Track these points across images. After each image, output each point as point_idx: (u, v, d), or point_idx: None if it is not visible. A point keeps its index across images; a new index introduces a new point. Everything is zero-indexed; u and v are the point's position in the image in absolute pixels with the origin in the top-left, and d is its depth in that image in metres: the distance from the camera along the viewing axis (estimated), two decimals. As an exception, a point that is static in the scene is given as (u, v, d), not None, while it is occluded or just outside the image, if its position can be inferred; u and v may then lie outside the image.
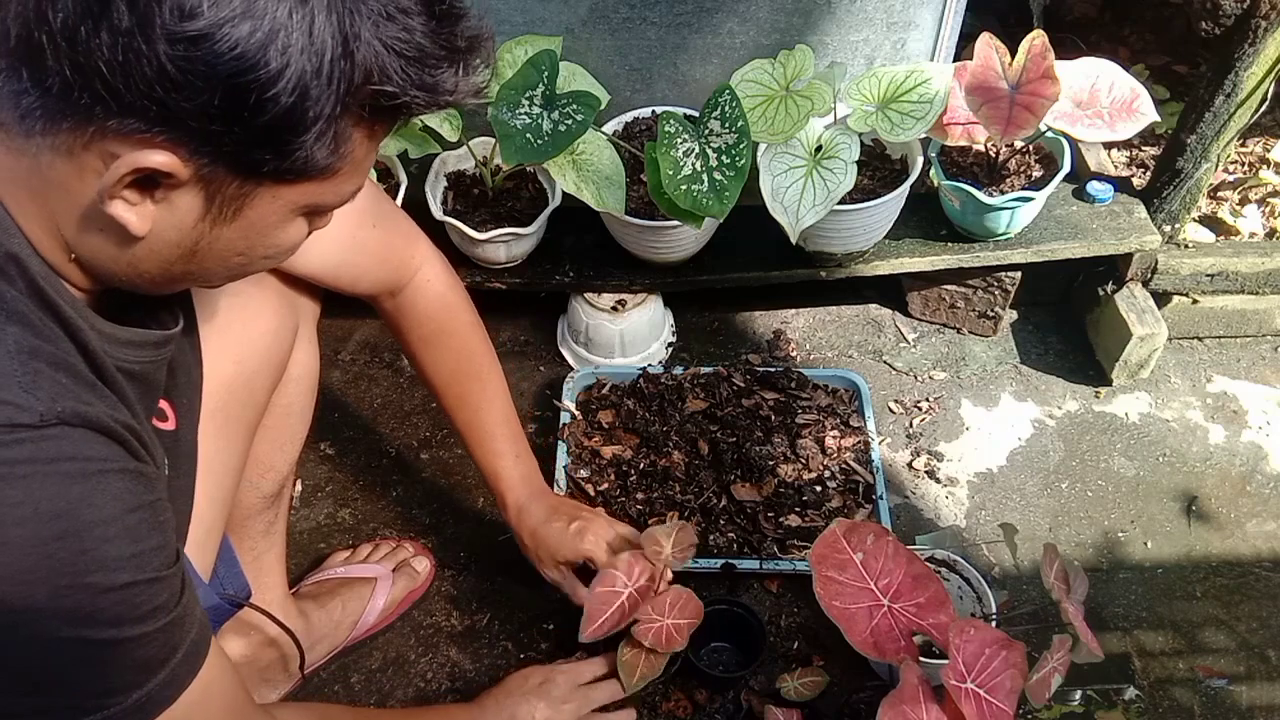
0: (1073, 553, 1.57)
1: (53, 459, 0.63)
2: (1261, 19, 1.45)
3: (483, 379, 1.29)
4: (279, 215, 0.72)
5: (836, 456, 1.60)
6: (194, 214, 0.68)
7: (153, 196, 0.67)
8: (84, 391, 0.68)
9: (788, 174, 1.49)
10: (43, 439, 0.63)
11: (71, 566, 0.64)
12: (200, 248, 0.71)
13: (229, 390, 0.98)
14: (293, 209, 0.72)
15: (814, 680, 1.36)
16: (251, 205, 0.70)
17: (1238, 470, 1.69)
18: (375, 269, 1.15)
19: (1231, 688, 1.43)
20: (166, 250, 0.71)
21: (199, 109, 0.62)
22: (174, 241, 0.70)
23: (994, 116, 1.46)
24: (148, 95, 0.61)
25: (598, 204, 1.51)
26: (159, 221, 0.68)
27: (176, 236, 0.70)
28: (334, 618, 1.39)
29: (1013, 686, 1.07)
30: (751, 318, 1.89)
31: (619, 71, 1.66)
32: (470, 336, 1.28)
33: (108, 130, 0.63)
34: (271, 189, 0.69)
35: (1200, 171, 1.67)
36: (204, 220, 0.69)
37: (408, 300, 1.21)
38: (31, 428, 0.62)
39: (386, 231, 1.15)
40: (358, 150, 0.70)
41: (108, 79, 0.60)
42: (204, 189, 0.67)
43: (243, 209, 0.70)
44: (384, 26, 0.64)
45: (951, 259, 1.71)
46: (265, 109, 0.62)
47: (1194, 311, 1.83)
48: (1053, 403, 1.77)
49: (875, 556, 1.15)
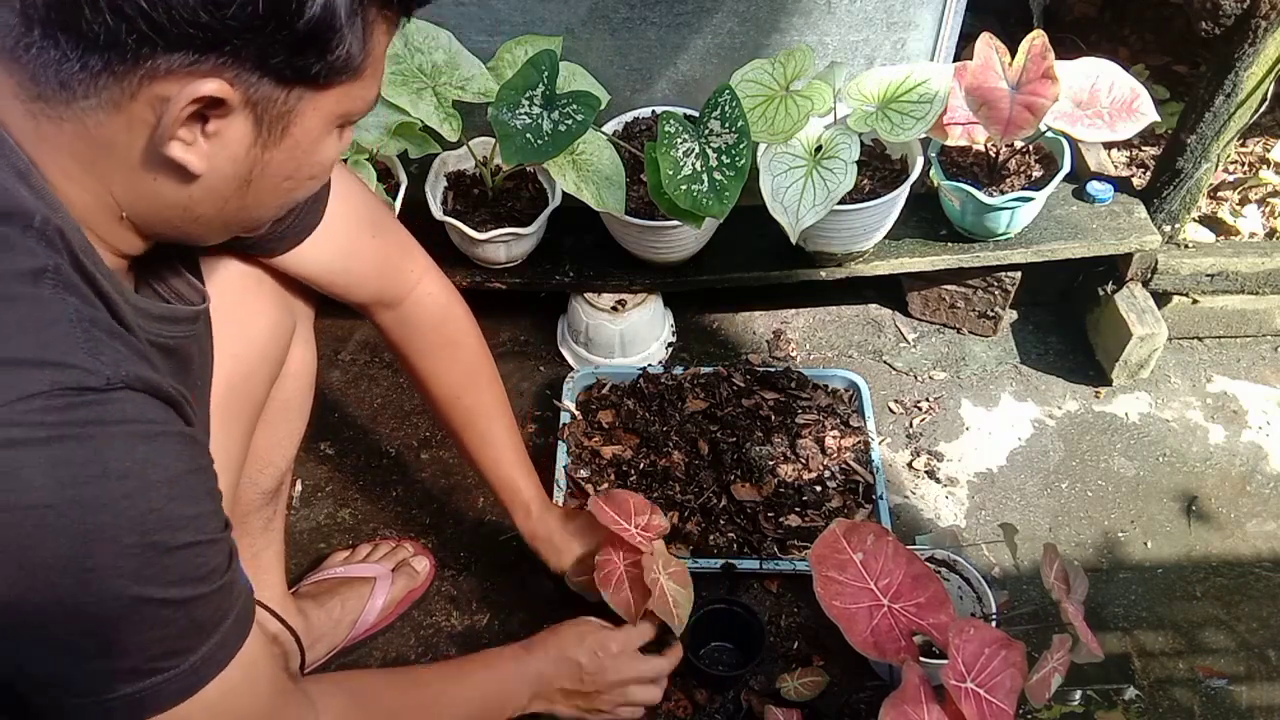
0: (1073, 553, 1.57)
1: (119, 420, 0.65)
2: (1261, 19, 1.45)
3: (490, 390, 1.30)
4: (319, 129, 0.75)
5: (836, 456, 1.60)
6: (245, 141, 0.71)
7: (204, 132, 0.69)
8: (138, 359, 0.70)
9: (788, 174, 1.49)
10: (109, 401, 0.64)
11: (139, 524, 0.65)
12: (254, 176, 0.74)
13: (228, 385, 0.99)
14: (329, 120, 0.75)
15: (814, 680, 1.36)
16: (295, 121, 0.73)
17: (1238, 470, 1.69)
18: (372, 278, 1.15)
19: (1231, 688, 1.43)
20: (222, 185, 0.73)
21: (244, 23, 0.64)
22: (229, 174, 0.73)
23: (994, 116, 1.46)
24: (192, 22, 0.63)
25: (598, 204, 1.51)
26: (213, 156, 0.71)
27: (231, 169, 0.72)
28: (333, 617, 1.39)
29: (1013, 686, 1.07)
30: (751, 318, 1.89)
31: (619, 71, 1.66)
32: (475, 347, 1.28)
33: (156, 71, 0.65)
34: (312, 100, 0.72)
35: (1200, 171, 1.67)
36: (255, 145, 0.72)
37: (409, 312, 1.21)
38: (98, 390, 0.64)
39: (385, 242, 1.15)
40: (379, 45, 0.74)
41: (151, 16, 0.62)
42: (252, 112, 0.70)
43: (288, 127, 0.72)
44: None
45: (951, 259, 1.71)
46: (304, 9, 0.65)
47: (1194, 311, 1.83)
48: (1053, 403, 1.77)
49: (875, 556, 1.15)
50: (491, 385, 1.30)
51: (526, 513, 1.34)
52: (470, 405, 1.28)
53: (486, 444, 1.30)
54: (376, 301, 1.18)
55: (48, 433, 0.61)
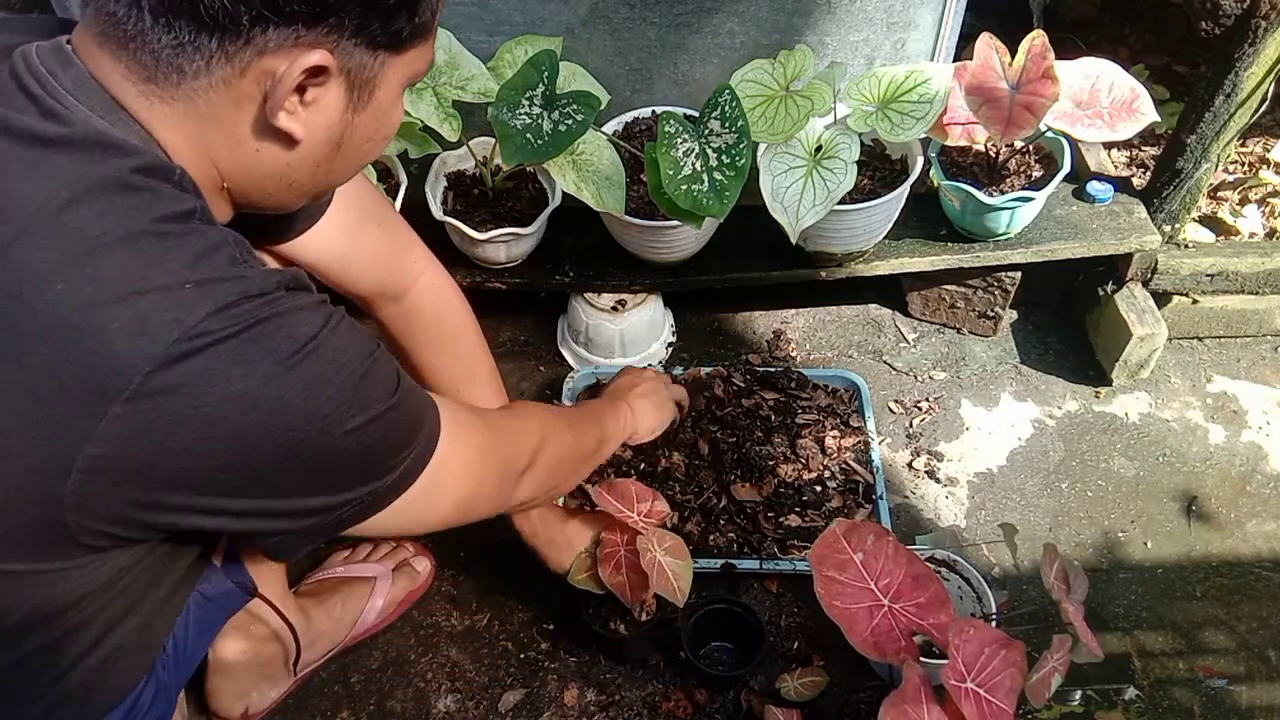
0: (1073, 553, 1.57)
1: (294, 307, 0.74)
2: (1261, 19, 1.45)
3: (490, 384, 1.30)
4: (395, 91, 0.82)
5: (836, 456, 1.60)
6: (339, 107, 0.78)
7: (303, 101, 0.75)
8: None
9: (788, 174, 1.49)
10: (281, 299, 0.74)
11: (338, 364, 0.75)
12: (344, 139, 0.81)
13: None
14: (404, 81, 0.82)
15: (814, 680, 1.36)
16: (379, 85, 0.79)
17: (1238, 470, 1.69)
18: (375, 268, 1.16)
19: (1231, 688, 1.43)
20: (317, 150, 0.80)
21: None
22: (324, 139, 0.80)
23: (994, 116, 1.46)
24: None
25: (598, 204, 1.51)
26: (310, 123, 0.77)
27: (326, 134, 0.79)
28: (334, 616, 1.39)
29: (1013, 686, 1.07)
30: (751, 318, 1.89)
31: (619, 71, 1.66)
32: (476, 340, 1.29)
33: (265, 48, 0.71)
34: (393, 63, 0.79)
35: (1200, 171, 1.67)
36: (347, 110, 0.79)
37: (412, 304, 1.21)
38: (271, 293, 0.73)
39: (388, 233, 1.16)
40: (440, 9, 0.80)
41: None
42: (346, 79, 0.76)
43: (374, 91, 0.79)
44: None
45: (951, 259, 1.71)
46: None
47: (1194, 311, 1.83)
48: (1053, 403, 1.77)
49: (875, 556, 1.15)
50: (491, 380, 1.30)
51: (525, 512, 1.34)
52: (470, 399, 1.28)
53: None
54: (379, 293, 1.19)
55: (247, 324, 0.70)
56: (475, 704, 1.39)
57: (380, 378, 0.80)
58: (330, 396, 0.74)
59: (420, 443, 0.86)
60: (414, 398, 0.86)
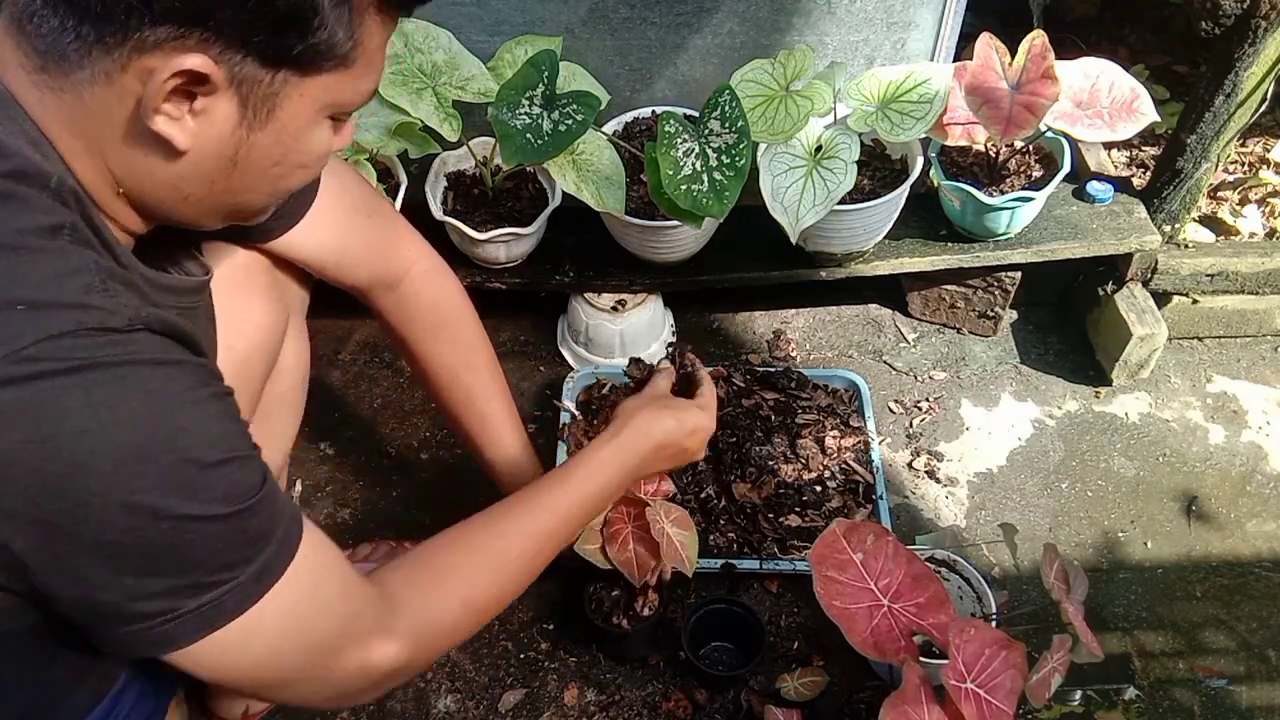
0: (1073, 553, 1.57)
1: (142, 354, 0.68)
2: (1261, 19, 1.45)
3: (489, 369, 1.30)
4: (307, 115, 0.76)
5: (836, 456, 1.60)
6: (230, 121, 0.72)
7: (191, 109, 0.70)
8: (151, 308, 0.72)
9: (788, 174, 1.49)
10: (131, 341, 0.67)
11: (175, 443, 0.68)
12: (240, 157, 0.75)
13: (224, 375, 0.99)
14: (318, 108, 0.76)
15: (814, 680, 1.36)
16: (281, 105, 0.73)
17: (1238, 470, 1.69)
18: (369, 258, 1.15)
19: (1231, 688, 1.43)
20: (209, 164, 0.75)
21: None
22: (215, 153, 0.74)
23: (994, 116, 1.46)
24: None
25: (598, 204, 1.51)
26: (199, 134, 0.72)
27: (217, 148, 0.74)
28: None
29: (1013, 686, 1.07)
30: (751, 318, 1.89)
31: (619, 71, 1.66)
32: (474, 326, 1.28)
33: (144, 44, 0.66)
34: (297, 84, 0.73)
35: (1200, 171, 1.67)
36: (240, 126, 0.73)
37: (409, 292, 1.21)
38: (119, 330, 0.67)
39: (379, 223, 1.16)
40: (373, 37, 0.75)
41: None
42: (237, 92, 0.71)
43: (274, 110, 0.73)
44: None
45: (951, 259, 1.71)
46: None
47: (1194, 311, 1.83)
48: (1053, 403, 1.77)
49: (875, 556, 1.15)
50: (490, 365, 1.30)
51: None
52: (469, 384, 1.28)
53: (487, 423, 1.30)
54: (374, 283, 1.19)
55: (79, 363, 0.64)
56: (475, 704, 1.39)
57: (230, 479, 0.71)
58: (150, 474, 0.66)
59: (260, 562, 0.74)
60: (270, 518, 0.75)
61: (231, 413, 0.75)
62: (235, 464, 0.72)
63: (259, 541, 0.75)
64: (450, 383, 1.27)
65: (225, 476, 0.71)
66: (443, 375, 1.27)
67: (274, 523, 0.76)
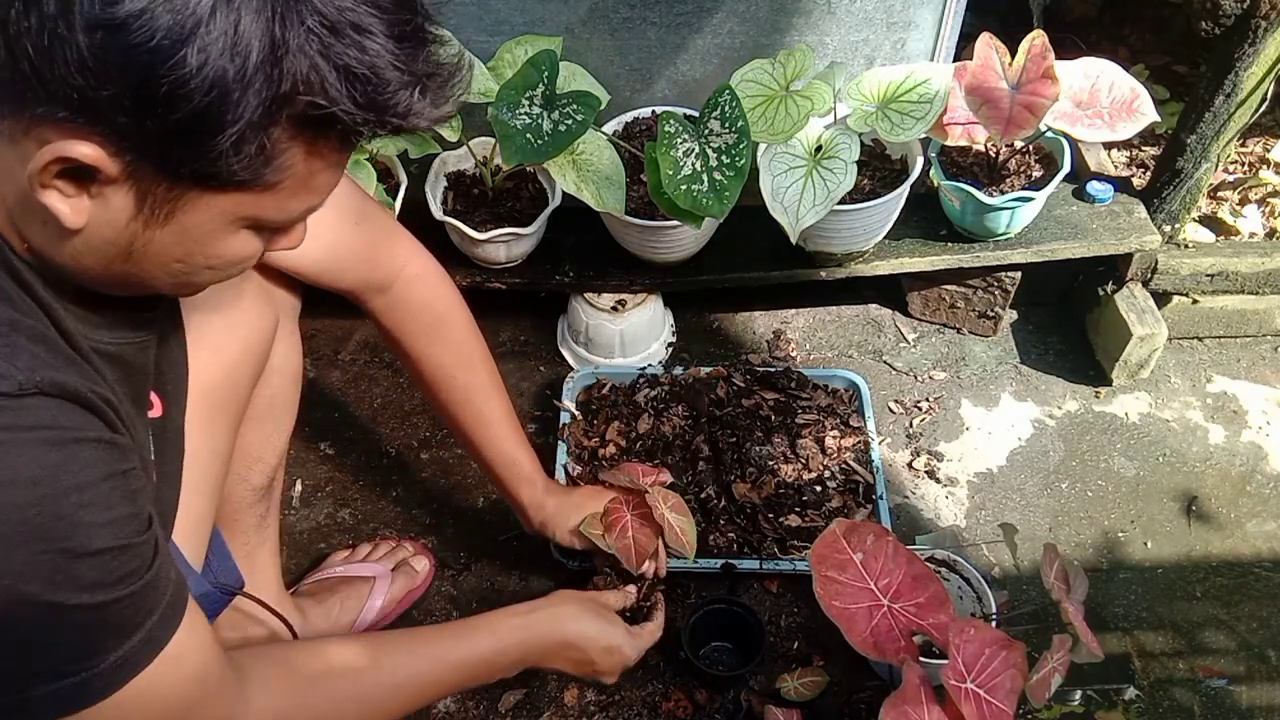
0: (1073, 553, 1.57)
1: (30, 426, 0.65)
2: (1261, 19, 1.45)
3: (484, 367, 1.29)
4: (215, 224, 0.71)
5: (836, 456, 1.60)
6: (126, 212, 0.68)
7: (88, 191, 0.66)
8: (62, 364, 0.69)
9: (788, 174, 1.49)
10: (21, 407, 0.64)
11: (49, 531, 0.65)
12: (135, 249, 0.70)
13: (210, 381, 0.99)
14: (230, 220, 0.71)
15: (814, 680, 1.36)
16: (184, 210, 0.68)
17: (1238, 470, 1.69)
18: (357, 266, 1.15)
19: (1231, 688, 1.43)
20: (103, 247, 0.70)
21: (114, 100, 0.61)
22: (109, 239, 0.69)
23: (994, 116, 1.46)
24: (68, 83, 0.60)
25: (598, 204, 1.51)
26: (94, 217, 0.67)
27: (111, 234, 0.69)
28: (332, 616, 1.39)
29: (1013, 686, 1.07)
30: (751, 318, 1.89)
31: (619, 71, 1.66)
32: (468, 326, 1.28)
33: (39, 117, 0.62)
34: (202, 195, 0.68)
35: (1200, 171, 1.67)
36: (136, 220, 0.68)
37: (400, 295, 1.21)
38: (10, 396, 0.63)
39: (368, 229, 1.15)
40: (298, 166, 0.69)
41: (35, 63, 0.60)
42: (135, 187, 0.66)
43: (174, 213, 0.68)
44: (328, 39, 0.63)
45: (951, 259, 1.71)
46: (178, 106, 0.61)
47: (1194, 311, 1.83)
48: (1053, 403, 1.77)
49: (875, 556, 1.15)
50: (485, 363, 1.29)
51: (532, 485, 1.33)
52: (466, 384, 1.27)
53: (483, 422, 1.30)
54: (364, 288, 1.18)
55: None
56: (475, 704, 1.39)
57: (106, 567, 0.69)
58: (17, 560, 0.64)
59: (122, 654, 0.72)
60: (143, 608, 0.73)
61: (126, 492, 0.71)
62: (115, 552, 0.69)
63: (126, 631, 0.72)
64: (446, 383, 1.27)
65: (102, 565, 0.68)
66: (438, 376, 1.26)
67: (148, 611, 0.73)
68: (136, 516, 0.72)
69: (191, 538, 0.97)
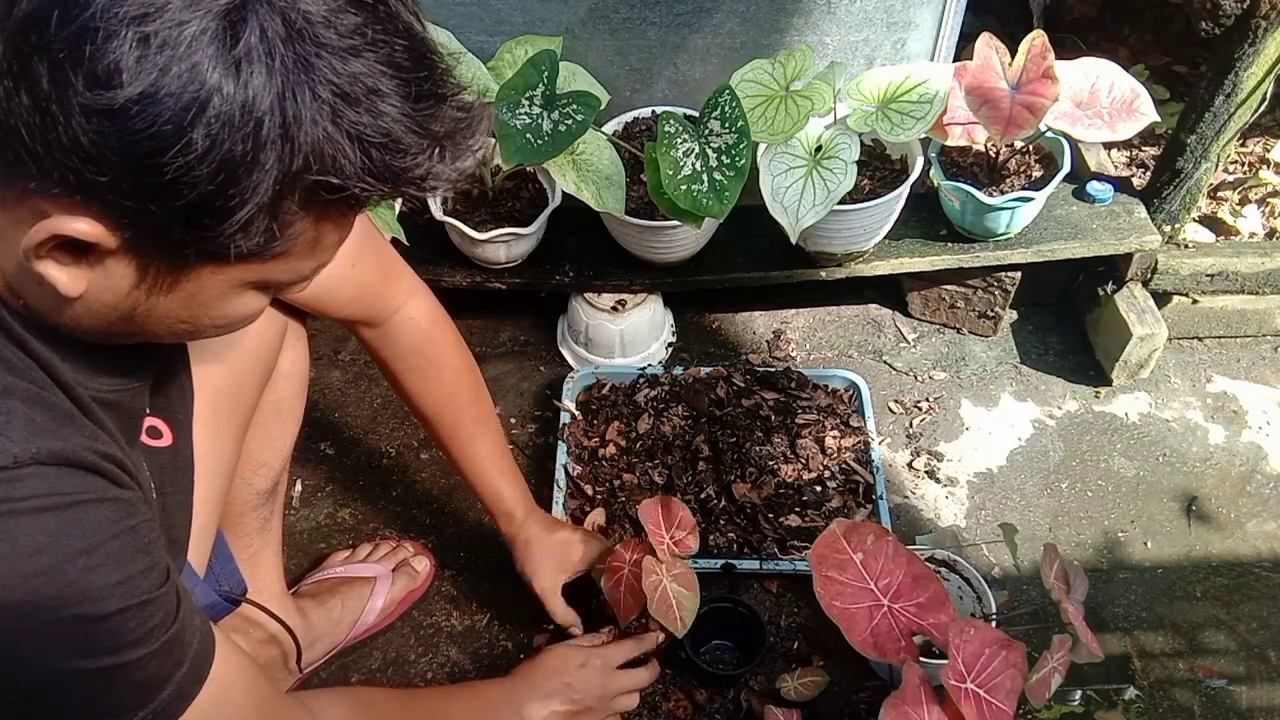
0: (1073, 553, 1.57)
1: (27, 497, 0.62)
2: (1261, 19, 1.45)
3: (470, 409, 1.29)
4: (222, 289, 0.68)
5: (836, 456, 1.60)
6: (127, 281, 0.65)
7: (86, 260, 0.63)
8: (60, 427, 0.67)
9: (788, 174, 1.49)
10: (17, 480, 0.62)
11: (57, 600, 0.63)
12: (138, 314, 0.68)
13: (217, 389, 0.99)
14: (237, 284, 0.68)
15: (814, 680, 1.36)
16: (188, 278, 0.66)
17: (1238, 470, 1.69)
18: (350, 304, 1.15)
19: (1231, 688, 1.43)
20: (104, 311, 0.67)
21: (113, 184, 0.58)
22: (110, 304, 0.66)
23: (994, 116, 1.46)
24: (64, 163, 0.57)
25: (598, 204, 1.51)
26: (93, 284, 0.64)
27: (112, 300, 0.66)
28: (333, 616, 1.39)
29: (1013, 686, 1.07)
30: (751, 318, 1.89)
31: (619, 71, 1.66)
32: (456, 369, 1.27)
33: (34, 190, 0.59)
34: (207, 265, 0.65)
35: (1200, 171, 1.67)
36: (138, 289, 0.65)
37: (389, 334, 1.21)
38: (5, 469, 0.61)
39: (365, 271, 1.13)
40: (308, 233, 0.66)
41: (27, 141, 0.57)
42: (135, 259, 0.63)
43: (179, 281, 0.66)
44: (342, 108, 0.59)
45: (951, 259, 1.71)
46: (182, 192, 0.58)
47: (1194, 311, 1.83)
48: (1053, 403, 1.77)
49: (875, 556, 1.15)
50: (473, 404, 1.29)
51: (509, 519, 1.35)
52: (451, 422, 1.28)
53: (469, 457, 1.31)
54: (354, 322, 1.19)
55: None
56: (475, 704, 1.39)
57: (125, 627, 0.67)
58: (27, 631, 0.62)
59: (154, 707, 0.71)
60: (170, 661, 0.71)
61: (139, 546, 0.69)
62: (132, 612, 0.67)
63: (155, 686, 0.70)
64: (432, 418, 1.28)
65: (119, 626, 0.66)
66: (423, 411, 1.28)
67: (177, 663, 0.72)
68: (152, 570, 0.70)
69: (196, 544, 0.97)
